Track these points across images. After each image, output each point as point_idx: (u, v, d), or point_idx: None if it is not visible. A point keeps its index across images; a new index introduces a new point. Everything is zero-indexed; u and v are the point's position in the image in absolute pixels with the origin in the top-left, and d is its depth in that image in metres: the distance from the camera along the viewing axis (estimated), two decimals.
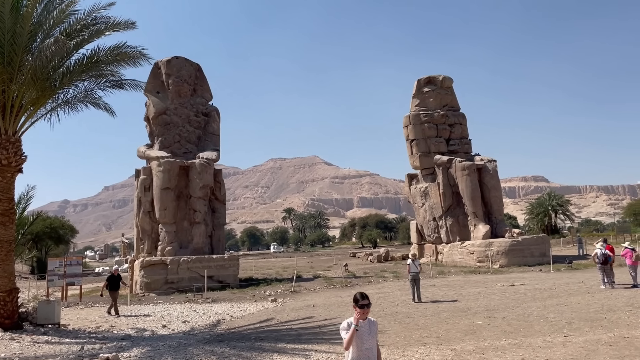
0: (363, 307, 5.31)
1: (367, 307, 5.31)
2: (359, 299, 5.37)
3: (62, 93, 15.81)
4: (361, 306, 5.31)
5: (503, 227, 36.17)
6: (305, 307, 18.23)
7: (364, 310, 5.30)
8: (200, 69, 33.95)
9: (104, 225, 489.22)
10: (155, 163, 28.91)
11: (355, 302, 5.37)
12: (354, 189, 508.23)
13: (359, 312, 5.29)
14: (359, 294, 5.41)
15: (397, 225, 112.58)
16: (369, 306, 5.35)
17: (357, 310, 5.30)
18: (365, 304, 5.32)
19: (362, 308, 5.31)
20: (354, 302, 5.38)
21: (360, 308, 5.31)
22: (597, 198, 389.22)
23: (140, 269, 26.33)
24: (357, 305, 5.33)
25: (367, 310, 5.32)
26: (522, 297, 16.85)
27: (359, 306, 5.32)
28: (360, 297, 5.36)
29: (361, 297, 5.36)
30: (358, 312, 5.29)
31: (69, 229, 57.68)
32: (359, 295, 5.40)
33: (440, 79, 41.40)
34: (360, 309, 5.31)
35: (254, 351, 11.05)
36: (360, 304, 5.32)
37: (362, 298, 5.36)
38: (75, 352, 11.73)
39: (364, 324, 5.34)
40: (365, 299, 5.35)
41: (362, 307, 5.31)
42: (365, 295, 5.40)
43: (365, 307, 5.30)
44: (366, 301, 5.34)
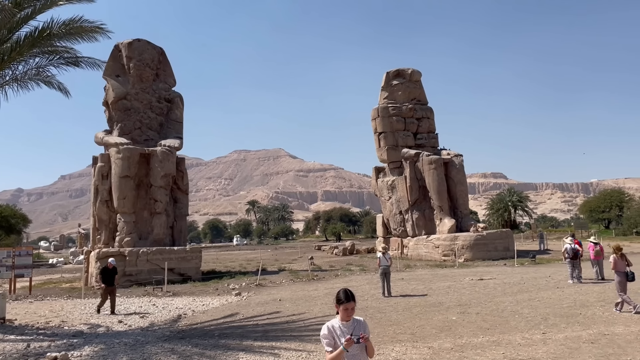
0: (347, 309, 4.64)
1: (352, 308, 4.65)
2: (342, 298, 4.66)
3: (10, 69, 14.48)
4: (345, 308, 4.64)
5: (468, 221, 36.34)
6: (272, 301, 17.52)
7: (348, 312, 4.64)
8: (164, 53, 32.55)
9: (60, 216, 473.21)
10: (114, 150, 27.50)
11: (339, 302, 4.67)
12: (318, 183, 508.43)
13: (343, 314, 4.64)
14: (342, 293, 4.71)
15: (361, 219, 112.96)
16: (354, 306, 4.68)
17: (341, 312, 4.64)
18: (351, 307, 4.64)
19: (347, 310, 4.64)
20: (337, 301, 4.69)
21: (344, 310, 4.64)
22: (552, 195, 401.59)
23: (97, 260, 24.97)
24: (340, 305, 4.65)
25: (351, 311, 4.65)
26: (493, 292, 16.62)
27: (342, 308, 4.64)
28: (345, 297, 4.66)
29: (345, 297, 4.66)
30: (342, 313, 4.64)
31: (21, 218, 54.88)
32: (342, 295, 4.69)
33: (409, 72, 41.19)
34: (345, 310, 4.64)
35: (217, 349, 10.29)
36: (344, 306, 4.63)
37: (347, 298, 4.66)
38: (20, 350, 10.70)
39: (348, 326, 4.66)
40: (350, 299, 4.65)
41: (346, 309, 4.64)
42: (350, 293, 4.70)
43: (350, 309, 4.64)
44: (352, 302, 4.65)
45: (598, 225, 70.14)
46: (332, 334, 4.63)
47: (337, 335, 4.61)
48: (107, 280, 16.50)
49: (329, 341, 4.63)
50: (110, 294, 16.46)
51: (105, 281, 16.44)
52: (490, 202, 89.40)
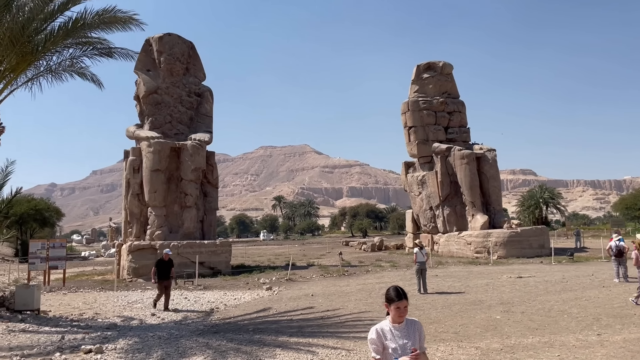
0: (399, 308, 4.12)
1: (404, 307, 4.14)
2: (393, 296, 4.15)
3: (45, 60, 14.47)
4: (397, 308, 4.12)
5: (501, 217, 35.41)
6: (303, 296, 17.20)
7: (400, 311, 4.13)
8: (194, 47, 32.50)
9: (92, 210, 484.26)
10: (145, 144, 27.58)
11: (389, 301, 4.17)
12: (344, 179, 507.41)
13: (395, 314, 4.14)
14: (393, 290, 4.20)
15: (387, 215, 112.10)
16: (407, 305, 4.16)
17: (392, 312, 4.15)
18: (403, 306, 4.13)
19: (399, 309, 4.12)
20: (387, 300, 4.19)
21: (396, 309, 4.12)
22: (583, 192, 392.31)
23: (128, 253, 25.13)
24: (391, 304, 4.15)
25: (404, 311, 4.15)
26: (535, 290, 15.94)
27: (394, 307, 4.13)
28: (396, 295, 4.15)
29: (397, 295, 4.14)
30: (394, 313, 4.14)
31: (55, 211, 55.94)
32: (393, 292, 4.18)
33: (440, 65, 40.30)
34: (398, 309, 4.12)
35: (253, 345, 9.98)
36: (396, 305, 4.12)
37: (399, 296, 4.14)
38: (55, 342, 10.60)
39: (401, 329, 4.15)
40: (402, 297, 4.13)
41: (398, 308, 4.12)
42: (401, 290, 4.18)
43: (403, 309, 4.13)
44: (404, 301, 4.14)
45: (634, 223, 67.86)
46: (381, 339, 4.11)
47: (387, 340, 4.10)
48: (162, 273, 15.40)
49: (377, 347, 4.10)
50: (165, 289, 15.41)
51: (161, 275, 15.34)
52: (520, 198, 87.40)
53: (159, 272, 15.35)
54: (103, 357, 9.24)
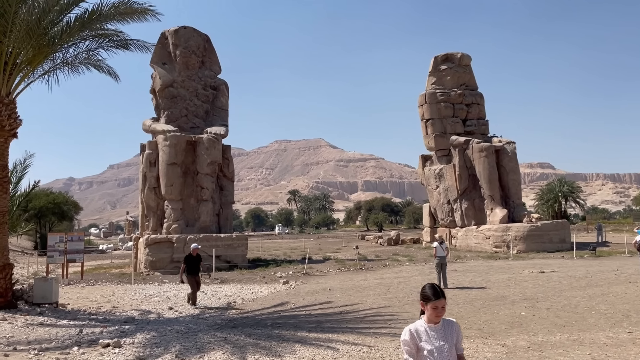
0: (437, 308, 3.77)
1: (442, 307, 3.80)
2: (430, 295, 3.81)
3: (61, 52, 14.40)
4: (434, 307, 3.78)
5: (521, 211, 34.81)
6: (321, 290, 17.01)
7: (438, 311, 3.79)
8: (209, 40, 32.36)
9: (109, 204, 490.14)
10: (162, 137, 27.57)
11: (425, 300, 3.82)
12: (359, 173, 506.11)
13: (431, 314, 3.80)
14: (430, 288, 3.86)
15: (403, 209, 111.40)
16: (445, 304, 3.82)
17: (429, 312, 3.81)
18: (441, 305, 3.79)
19: (436, 309, 3.78)
20: (423, 299, 3.85)
21: (433, 309, 3.78)
22: (603, 186, 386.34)
23: (145, 246, 25.18)
24: (427, 303, 3.81)
25: (442, 310, 3.81)
26: (558, 286, 15.54)
27: (431, 307, 3.79)
28: (433, 293, 3.80)
29: (434, 293, 3.80)
30: (430, 313, 3.81)
31: (73, 205, 56.56)
32: (429, 290, 3.84)
33: (459, 57, 39.63)
34: (435, 309, 3.78)
35: (272, 340, 9.80)
36: (433, 304, 3.78)
37: (436, 294, 3.80)
38: (73, 336, 10.53)
39: (437, 329, 3.83)
40: (440, 296, 3.80)
41: (435, 308, 3.77)
42: (439, 289, 3.86)
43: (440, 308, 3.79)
44: (442, 300, 3.80)
45: None
46: (415, 340, 3.79)
47: (421, 341, 3.78)
48: (191, 269, 14.65)
49: (410, 350, 3.78)
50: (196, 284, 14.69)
51: (190, 270, 14.59)
52: (539, 192, 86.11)
53: (189, 267, 14.66)
54: (121, 351, 9.13)
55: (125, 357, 8.72)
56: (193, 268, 14.66)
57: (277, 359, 8.43)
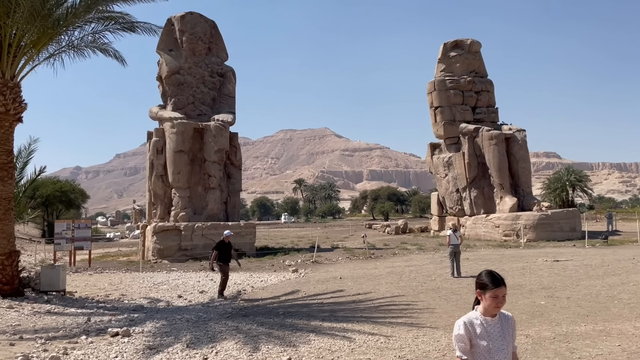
0: (497, 297, 3.33)
1: (503, 296, 3.35)
2: (488, 282, 3.35)
3: (66, 35, 14.04)
4: (494, 296, 3.34)
5: (531, 200, 34.34)
6: (331, 279, 16.73)
7: (497, 301, 3.34)
8: (216, 27, 31.89)
9: (116, 192, 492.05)
10: (169, 124, 27.25)
11: (483, 288, 3.37)
12: (364, 162, 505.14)
13: (490, 304, 3.34)
14: (488, 275, 3.40)
15: (409, 198, 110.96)
16: (505, 294, 3.38)
17: (487, 302, 3.35)
18: (502, 294, 3.35)
19: (496, 299, 3.34)
20: (480, 287, 3.40)
21: (493, 298, 3.34)
22: (609, 175, 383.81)
23: (153, 234, 24.98)
24: (486, 292, 3.35)
25: (502, 301, 3.36)
26: (575, 275, 15.17)
27: (489, 295, 3.34)
28: (492, 280, 3.35)
29: (493, 280, 3.35)
30: (489, 303, 3.34)
31: (80, 193, 56.37)
32: (487, 277, 3.38)
33: (468, 43, 38.94)
34: (494, 298, 3.33)
35: (285, 329, 9.52)
36: (492, 293, 3.33)
37: (496, 281, 3.34)
38: (81, 324, 10.30)
39: (493, 324, 3.40)
40: (500, 284, 3.35)
41: (495, 297, 3.33)
42: (499, 277, 3.40)
43: (501, 298, 3.34)
44: (502, 288, 3.36)
45: None
46: (470, 335, 3.36)
47: (476, 336, 3.35)
48: (224, 257, 13.79)
49: (464, 346, 3.36)
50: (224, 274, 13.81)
51: (222, 259, 13.74)
52: (546, 181, 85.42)
53: (221, 255, 13.76)
54: (130, 340, 8.88)
55: (135, 347, 8.47)
56: (225, 256, 13.87)
57: (292, 349, 8.14)
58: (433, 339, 8.41)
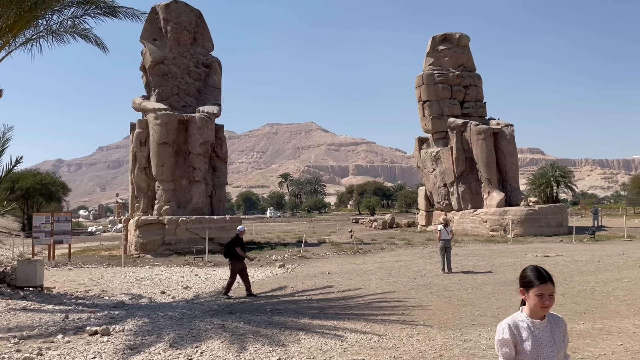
0: (542, 295, 2.95)
1: (550, 294, 2.97)
2: (532, 279, 2.97)
3: (44, 19, 13.40)
4: (539, 294, 2.96)
5: (518, 195, 34.33)
6: (320, 274, 16.37)
7: (544, 300, 2.96)
8: (201, 16, 31.15)
9: (98, 186, 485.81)
10: (152, 115, 26.56)
11: (527, 286, 3.00)
12: (350, 157, 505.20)
13: (535, 304, 2.97)
14: (534, 271, 3.01)
15: (395, 193, 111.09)
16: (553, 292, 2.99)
17: (533, 301, 2.98)
18: (549, 292, 2.96)
19: (542, 297, 2.96)
20: (524, 285, 3.03)
21: (538, 297, 2.96)
22: (591, 171, 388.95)
23: (136, 228, 24.37)
24: (529, 290, 2.99)
25: (550, 300, 2.97)
26: (567, 270, 15.00)
27: (534, 293, 2.96)
28: (538, 277, 2.96)
29: (539, 277, 2.96)
30: (534, 303, 2.97)
31: (61, 186, 55.18)
32: (532, 273, 2.99)
33: (457, 37, 38.73)
34: (540, 297, 2.95)
35: (273, 327, 9.12)
36: (537, 290, 2.95)
37: (541, 277, 2.96)
38: (58, 322, 9.79)
39: (542, 327, 3.02)
40: (547, 280, 2.96)
41: (540, 296, 2.95)
42: (545, 272, 3.00)
43: (547, 296, 2.95)
44: (549, 285, 2.97)
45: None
46: (515, 339, 2.98)
47: (522, 341, 2.98)
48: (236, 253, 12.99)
49: (509, 352, 2.97)
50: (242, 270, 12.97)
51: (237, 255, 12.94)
52: (531, 177, 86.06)
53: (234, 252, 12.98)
54: (110, 339, 8.41)
55: (115, 346, 8.00)
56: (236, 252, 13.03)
57: (281, 348, 7.74)
58: (428, 337, 8.08)
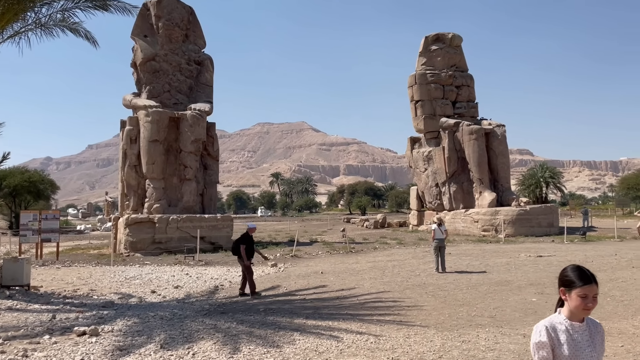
0: (586, 297, 2.76)
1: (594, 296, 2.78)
2: (576, 280, 2.79)
3: (33, 12, 13.07)
4: (583, 296, 2.77)
5: (509, 195, 34.38)
6: (312, 273, 16.19)
7: (587, 302, 2.76)
8: (193, 13, 30.82)
9: (88, 184, 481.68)
10: (143, 113, 26.21)
11: (569, 286, 2.81)
12: (341, 157, 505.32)
13: (577, 306, 2.77)
14: (576, 270, 2.83)
15: (386, 193, 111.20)
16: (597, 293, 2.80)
17: (575, 302, 2.77)
18: (592, 294, 2.77)
19: (585, 299, 2.77)
20: (566, 284, 2.83)
21: (581, 298, 2.76)
22: (579, 173, 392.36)
23: (125, 226, 24.02)
24: (572, 290, 2.79)
25: (593, 301, 2.78)
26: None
27: (577, 294, 2.77)
28: (582, 277, 2.78)
29: (582, 277, 2.78)
30: (576, 305, 2.77)
31: (49, 183, 54.32)
32: (575, 273, 2.81)
33: (449, 37, 38.73)
34: (583, 298, 2.76)
35: (267, 328, 8.92)
36: (581, 291, 2.77)
37: (585, 278, 2.78)
38: (45, 322, 9.51)
39: (581, 330, 2.83)
40: (592, 281, 2.78)
41: (584, 297, 2.76)
42: (588, 272, 2.82)
43: (591, 298, 2.77)
44: (594, 286, 2.79)
45: (635, 203, 67.27)
46: (553, 342, 2.79)
47: (560, 344, 2.79)
48: (250, 251, 12.60)
49: (546, 356, 2.78)
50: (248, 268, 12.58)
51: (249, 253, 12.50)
52: (520, 177, 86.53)
53: (248, 248, 12.62)
54: (98, 340, 8.16)
55: (104, 348, 7.76)
56: (250, 250, 12.78)
57: (276, 349, 7.55)
58: (425, 338, 7.92)
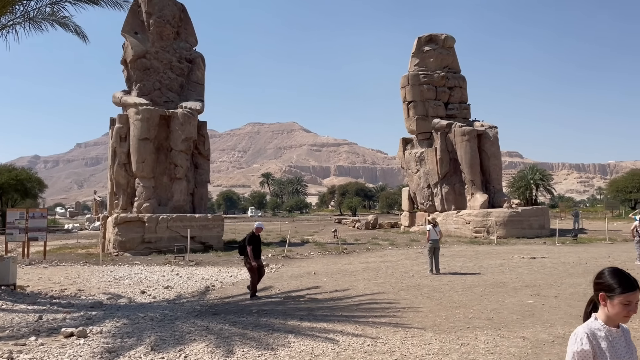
0: (629, 304, 2.59)
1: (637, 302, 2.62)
2: (616, 286, 2.61)
3: (21, 5, 12.76)
4: (626, 303, 2.59)
5: (501, 197, 34.44)
6: (305, 274, 15.99)
7: (630, 308, 2.60)
8: (185, 10, 30.50)
9: (76, 183, 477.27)
10: (133, 110, 25.85)
11: (610, 291, 2.62)
12: (332, 157, 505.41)
13: (619, 313, 2.61)
14: (619, 275, 2.64)
15: (377, 194, 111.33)
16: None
17: (617, 309, 2.60)
18: (636, 300, 2.61)
19: (628, 306, 2.60)
20: (607, 289, 2.64)
21: (624, 304, 2.59)
22: (568, 175, 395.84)
23: (114, 226, 23.65)
24: (616, 297, 2.60)
25: (635, 308, 2.61)
26: (555, 272, 14.87)
27: (621, 301, 2.59)
28: (622, 284, 2.60)
29: (624, 284, 2.60)
30: (617, 311, 2.61)
31: (37, 182, 53.59)
32: (616, 278, 2.63)
33: (442, 38, 38.77)
34: (625, 305, 2.59)
35: (261, 330, 8.70)
36: (625, 298, 2.58)
37: (630, 285, 2.60)
38: (31, 323, 9.22)
39: (617, 336, 2.68)
40: (634, 288, 2.60)
41: (627, 304, 2.59)
42: (631, 277, 2.63)
43: (634, 305, 2.61)
44: (638, 293, 2.61)
45: (624, 206, 67.84)
46: (595, 350, 2.62)
47: (600, 351, 2.63)
48: (256, 251, 12.35)
49: None
50: (259, 268, 12.34)
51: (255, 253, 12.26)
52: (511, 179, 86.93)
53: (255, 248, 12.32)
54: (87, 342, 7.90)
55: (92, 350, 7.51)
56: (257, 250, 12.45)
57: (270, 352, 7.34)
58: (423, 341, 7.76)
